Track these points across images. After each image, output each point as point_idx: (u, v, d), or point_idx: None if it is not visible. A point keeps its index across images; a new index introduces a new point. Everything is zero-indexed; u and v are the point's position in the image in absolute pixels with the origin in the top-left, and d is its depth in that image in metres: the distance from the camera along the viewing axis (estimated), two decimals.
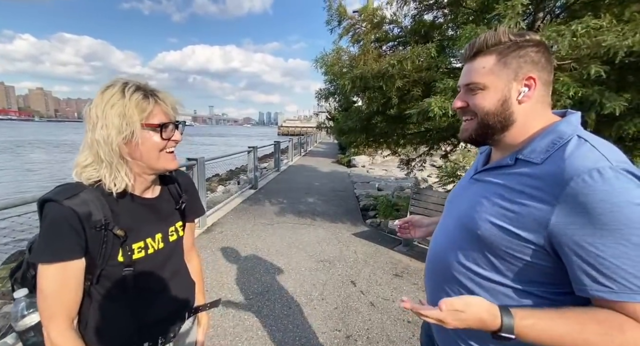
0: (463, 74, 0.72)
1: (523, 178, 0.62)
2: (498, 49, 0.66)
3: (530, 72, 0.65)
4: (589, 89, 1.88)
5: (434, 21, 3.43)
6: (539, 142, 0.64)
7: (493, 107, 0.67)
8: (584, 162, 0.55)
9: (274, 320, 2.35)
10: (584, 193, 0.53)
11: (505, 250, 0.63)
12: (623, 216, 0.51)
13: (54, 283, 0.67)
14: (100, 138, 0.68)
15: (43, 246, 0.67)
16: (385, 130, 3.94)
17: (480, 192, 0.71)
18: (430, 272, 0.82)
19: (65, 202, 0.66)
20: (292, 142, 13.11)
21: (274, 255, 3.52)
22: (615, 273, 0.52)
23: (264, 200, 6.13)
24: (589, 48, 1.85)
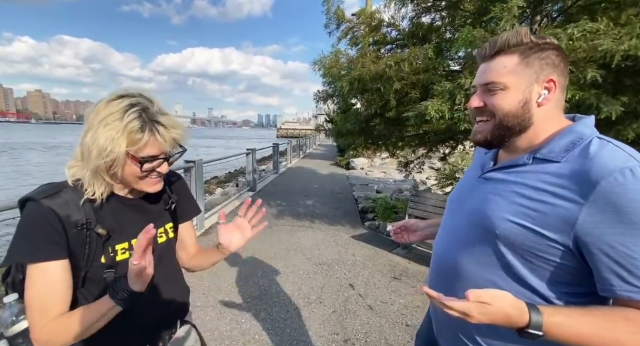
0: (480, 72, 0.69)
1: (544, 176, 0.61)
2: (520, 49, 0.64)
3: (551, 75, 0.64)
4: (586, 93, 1.88)
5: (432, 24, 3.45)
6: (558, 141, 0.63)
7: (514, 108, 0.65)
8: (614, 161, 0.55)
9: (271, 323, 2.33)
10: (615, 192, 0.52)
11: (528, 249, 0.61)
12: None
13: (37, 284, 0.65)
14: (86, 143, 0.68)
15: (21, 245, 0.66)
16: (384, 133, 3.94)
17: (494, 190, 0.69)
18: (436, 275, 0.80)
19: (43, 201, 0.66)
20: (290, 144, 13.11)
21: (272, 257, 3.50)
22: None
23: (262, 202, 6.10)
24: (585, 52, 1.86)
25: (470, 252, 0.70)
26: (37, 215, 0.66)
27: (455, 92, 2.19)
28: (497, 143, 0.70)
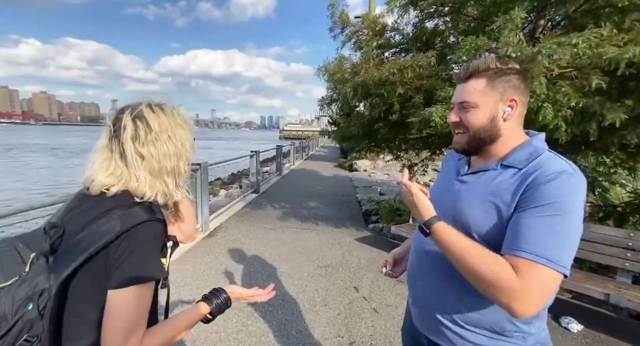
0: (457, 93, 0.83)
1: (508, 179, 0.75)
2: (488, 74, 0.78)
3: (513, 95, 0.77)
4: (590, 100, 1.90)
5: (436, 28, 3.47)
6: (520, 152, 0.78)
7: (484, 123, 0.79)
8: (555, 167, 0.71)
9: (277, 325, 2.36)
10: (545, 186, 0.68)
11: (492, 233, 0.75)
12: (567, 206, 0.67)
13: (137, 304, 0.65)
14: (169, 150, 0.73)
15: (153, 263, 0.66)
16: (387, 136, 3.96)
17: (469, 190, 0.83)
18: (417, 261, 0.93)
19: (158, 216, 0.69)
20: (293, 146, 13.16)
21: (276, 260, 3.53)
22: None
23: (266, 204, 6.15)
24: (590, 58, 1.87)
25: None
26: (160, 232, 0.69)
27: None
28: (473, 151, 0.84)
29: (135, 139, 0.70)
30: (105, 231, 0.63)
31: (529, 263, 0.65)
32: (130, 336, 0.63)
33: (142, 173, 0.71)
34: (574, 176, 0.69)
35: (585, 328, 2.39)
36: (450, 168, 0.95)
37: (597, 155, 3.60)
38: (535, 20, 2.90)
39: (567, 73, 2.27)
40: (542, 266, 0.65)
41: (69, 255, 0.63)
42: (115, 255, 0.62)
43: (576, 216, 0.67)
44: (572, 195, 0.68)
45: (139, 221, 0.65)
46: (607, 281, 2.51)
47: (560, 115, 1.92)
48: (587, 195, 4.26)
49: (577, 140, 2.52)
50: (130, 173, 0.70)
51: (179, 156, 0.75)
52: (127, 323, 0.63)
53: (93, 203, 0.69)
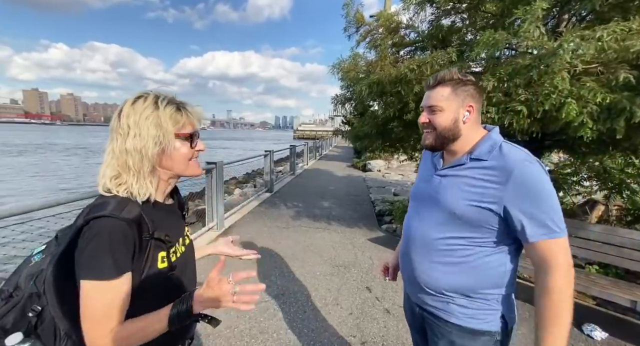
0: (426, 98, 0.98)
1: (479, 170, 0.90)
2: (452, 83, 0.94)
3: (471, 102, 0.94)
4: (618, 95, 1.80)
5: (452, 26, 3.40)
6: (482, 146, 0.93)
7: (448, 124, 0.94)
8: (518, 156, 0.87)
9: (289, 323, 2.37)
10: (522, 175, 0.84)
11: (476, 220, 0.89)
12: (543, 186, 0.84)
13: (105, 296, 0.65)
14: (131, 147, 0.70)
15: (105, 262, 0.64)
16: (402, 135, 3.91)
17: (450, 183, 0.96)
18: (411, 250, 1.04)
19: (121, 215, 0.66)
20: (307, 146, 13.20)
21: (289, 258, 3.55)
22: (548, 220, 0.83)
23: (279, 203, 6.19)
24: (616, 52, 1.78)
25: (433, 226, 0.98)
26: (116, 230, 0.65)
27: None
28: (439, 147, 0.99)
29: (112, 132, 0.73)
30: (78, 220, 0.68)
31: (549, 243, 0.83)
32: (97, 326, 0.65)
33: (108, 171, 0.72)
34: (532, 162, 0.86)
35: (609, 337, 2.28)
36: (427, 164, 1.11)
37: (625, 156, 3.43)
38: (559, 15, 2.79)
39: (592, 69, 2.17)
40: (556, 240, 0.83)
41: (62, 240, 0.71)
42: (78, 247, 0.66)
43: (551, 191, 0.84)
44: (539, 176, 0.84)
45: (93, 216, 0.65)
46: (634, 287, 2.38)
47: (586, 111, 1.83)
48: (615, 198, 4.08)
49: (604, 139, 2.41)
50: (104, 164, 0.73)
51: (141, 153, 0.71)
52: (91, 312, 0.65)
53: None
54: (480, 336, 0.94)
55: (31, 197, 10.41)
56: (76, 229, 0.66)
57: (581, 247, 2.65)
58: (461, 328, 0.95)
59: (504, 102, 2.18)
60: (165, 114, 0.72)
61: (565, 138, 2.95)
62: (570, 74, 2.04)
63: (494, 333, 0.94)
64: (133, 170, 0.72)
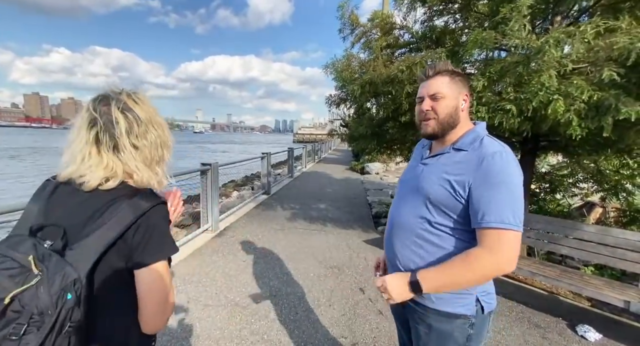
0: (427, 87, 1.01)
1: (457, 159, 0.95)
2: (448, 73, 0.99)
3: (466, 92, 1.01)
4: (605, 93, 1.80)
5: (446, 26, 3.41)
6: (466, 138, 0.98)
7: (450, 110, 0.99)
8: (491, 148, 0.91)
9: (280, 324, 2.34)
10: (487, 165, 0.88)
11: (445, 203, 0.94)
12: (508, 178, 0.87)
13: (165, 276, 0.73)
14: (157, 140, 0.76)
15: (169, 240, 0.73)
16: (397, 136, 3.90)
17: (429, 170, 1.02)
18: (391, 228, 1.11)
19: (162, 199, 0.74)
20: (305, 149, 13.20)
21: (283, 260, 3.53)
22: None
23: (276, 205, 6.18)
24: (603, 50, 1.78)
25: (411, 210, 1.03)
26: (166, 214, 0.75)
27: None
28: (440, 135, 1.02)
29: (130, 132, 0.72)
30: (120, 219, 0.67)
31: (496, 232, 0.85)
32: (167, 304, 0.73)
33: (140, 165, 0.73)
34: (504, 154, 0.89)
35: (603, 338, 2.25)
36: (416, 156, 1.16)
37: (620, 157, 3.42)
38: (551, 16, 2.80)
39: (581, 69, 2.17)
40: (504, 231, 0.85)
41: (88, 246, 0.65)
42: (136, 238, 0.68)
43: (516, 184, 0.87)
44: (508, 168, 0.87)
45: (151, 205, 0.70)
46: (627, 288, 2.36)
47: (573, 108, 1.83)
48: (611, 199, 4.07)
49: (597, 140, 2.40)
50: (130, 165, 0.72)
51: (164, 144, 0.78)
52: (162, 295, 0.72)
53: (86, 197, 0.69)
54: (455, 319, 0.97)
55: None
56: (128, 223, 0.67)
57: (576, 247, 2.63)
58: (437, 312, 0.98)
59: (494, 101, 2.18)
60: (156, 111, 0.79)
61: (559, 139, 2.94)
62: (561, 74, 2.04)
63: (469, 316, 0.96)
64: (157, 163, 0.77)
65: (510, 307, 2.65)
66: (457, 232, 0.95)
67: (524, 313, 2.57)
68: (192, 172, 4.21)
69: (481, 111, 2.17)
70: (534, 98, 1.86)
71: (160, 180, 0.78)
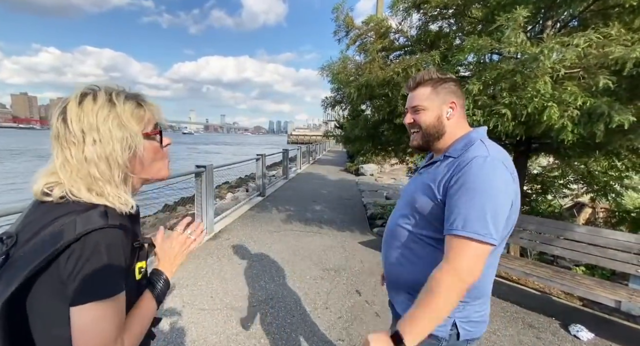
0: (409, 99, 1.01)
1: (445, 166, 0.92)
2: (431, 83, 0.96)
3: (452, 98, 0.96)
4: (598, 100, 1.84)
5: (440, 31, 3.45)
6: (458, 144, 0.94)
7: (432, 122, 0.97)
8: (474, 153, 0.86)
9: (277, 328, 2.34)
10: (465, 170, 0.83)
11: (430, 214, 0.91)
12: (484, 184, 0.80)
13: (110, 316, 0.58)
14: (92, 155, 0.60)
15: (108, 278, 0.57)
16: (392, 138, 3.93)
17: (419, 179, 1.01)
18: (385, 240, 1.09)
19: (115, 223, 0.59)
20: (300, 151, 13.19)
21: (279, 262, 3.52)
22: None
23: (271, 207, 6.15)
24: (596, 58, 1.82)
25: (399, 219, 1.02)
26: (114, 242, 0.59)
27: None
28: (426, 146, 1.01)
29: (57, 139, 0.61)
30: (52, 240, 0.55)
31: (458, 240, 0.80)
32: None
33: (75, 178, 0.61)
34: (485, 159, 0.82)
35: (596, 337, 2.30)
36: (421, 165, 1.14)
37: (609, 159, 3.50)
38: (543, 21, 2.86)
39: (574, 73, 2.22)
40: (467, 240, 0.78)
41: (16, 268, 0.56)
42: (67, 268, 0.55)
43: (492, 192, 0.79)
44: (485, 174, 0.80)
45: (88, 230, 0.56)
46: (618, 288, 2.41)
47: (567, 115, 1.87)
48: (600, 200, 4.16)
49: (587, 142, 2.46)
50: (64, 176, 0.61)
51: (107, 161, 0.61)
52: (97, 341, 0.56)
53: (46, 209, 0.60)
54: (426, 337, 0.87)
55: None
56: (59, 247, 0.54)
57: (567, 248, 2.68)
58: None
59: (489, 105, 2.21)
60: (126, 111, 0.63)
61: (550, 141, 3.00)
62: (553, 79, 2.08)
63: (440, 338, 0.90)
64: (101, 181, 0.61)
65: (505, 308, 2.69)
66: (434, 241, 0.91)
67: (518, 314, 2.60)
68: (187, 174, 4.18)
69: (477, 114, 2.21)
70: (529, 104, 1.90)
71: (109, 201, 0.62)
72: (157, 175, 0.73)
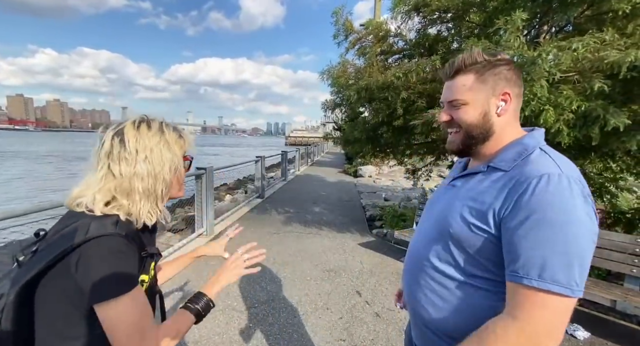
0: (445, 91, 0.78)
1: (491, 182, 0.70)
2: (475, 68, 0.73)
3: (505, 88, 0.72)
4: (593, 103, 1.89)
5: (439, 34, 3.51)
6: (507, 152, 0.72)
7: (475, 120, 0.74)
8: (539, 168, 0.64)
9: (278, 328, 2.36)
10: (529, 194, 0.62)
11: (472, 245, 0.70)
12: (562, 215, 0.59)
13: (132, 311, 0.64)
14: (143, 171, 0.69)
15: (117, 280, 0.62)
16: (391, 141, 3.97)
17: (455, 195, 0.78)
18: (407, 268, 0.89)
19: (122, 232, 0.65)
20: (299, 152, 13.23)
21: (279, 264, 3.54)
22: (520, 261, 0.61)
23: (270, 209, 6.17)
24: (591, 62, 1.87)
25: (428, 248, 0.79)
26: (120, 247, 0.64)
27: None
28: (467, 151, 0.79)
29: (108, 156, 0.69)
30: (66, 238, 0.62)
31: (532, 292, 0.59)
32: (142, 342, 0.64)
33: (107, 190, 0.69)
34: (559, 179, 0.61)
35: (592, 336, 2.34)
36: (451, 173, 0.91)
37: (604, 161, 3.56)
38: (539, 25, 2.92)
39: (569, 77, 2.27)
40: (546, 293, 0.57)
41: (36, 260, 0.64)
42: (78, 269, 0.61)
43: (575, 226, 0.58)
44: (563, 202, 0.59)
45: (99, 233, 0.62)
46: (614, 287, 2.46)
47: (562, 118, 1.91)
48: (596, 201, 4.23)
49: (582, 145, 2.51)
50: (97, 187, 0.69)
51: (155, 177, 0.71)
52: (130, 331, 0.63)
53: (72, 214, 0.69)
54: None
55: None
56: (67, 248, 0.61)
57: None
58: None
59: None
60: (172, 139, 0.75)
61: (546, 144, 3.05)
62: (549, 82, 2.14)
63: None
64: (140, 195, 0.70)
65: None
66: (488, 283, 0.70)
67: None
68: (187, 176, 4.19)
69: None
70: (526, 107, 1.94)
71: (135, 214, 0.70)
72: (176, 194, 0.83)
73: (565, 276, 0.57)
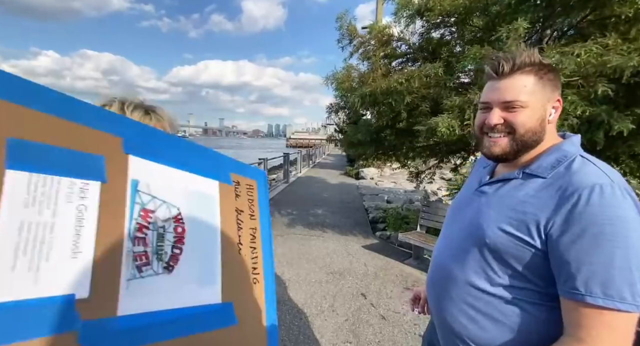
0: (499, 90, 0.70)
1: (530, 191, 0.66)
2: (534, 69, 0.68)
3: (558, 95, 0.70)
4: (597, 108, 1.91)
5: (442, 38, 3.54)
6: (545, 158, 0.68)
7: (534, 125, 0.68)
8: (588, 178, 0.60)
9: (285, 330, 2.37)
10: (581, 206, 0.58)
11: (509, 253, 0.66)
12: (619, 228, 0.56)
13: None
14: None
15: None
16: (394, 143, 4.00)
17: (487, 203, 0.74)
18: (433, 281, 0.85)
19: None
20: (300, 154, 13.27)
21: (284, 266, 3.56)
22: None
23: (273, 211, 6.19)
24: (594, 67, 1.90)
25: (460, 258, 0.75)
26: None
27: (465, 107, 2.25)
28: (512, 157, 0.72)
29: None
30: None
31: (596, 312, 0.55)
32: None
33: None
34: (612, 188, 0.57)
35: None
36: (474, 177, 0.87)
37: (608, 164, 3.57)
38: (541, 30, 2.94)
39: (573, 82, 2.30)
40: (612, 312, 0.54)
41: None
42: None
43: (633, 238, 0.55)
44: (619, 214, 0.56)
45: None
46: None
47: (567, 123, 1.94)
48: None
49: (587, 149, 2.53)
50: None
51: None
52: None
53: None
54: None
55: None
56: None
57: None
58: None
59: None
60: (135, 119, 0.63)
61: None
62: None
63: None
64: None
65: None
66: (527, 294, 0.66)
67: None
68: None
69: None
70: None
71: None
72: None
73: (631, 293, 0.54)
